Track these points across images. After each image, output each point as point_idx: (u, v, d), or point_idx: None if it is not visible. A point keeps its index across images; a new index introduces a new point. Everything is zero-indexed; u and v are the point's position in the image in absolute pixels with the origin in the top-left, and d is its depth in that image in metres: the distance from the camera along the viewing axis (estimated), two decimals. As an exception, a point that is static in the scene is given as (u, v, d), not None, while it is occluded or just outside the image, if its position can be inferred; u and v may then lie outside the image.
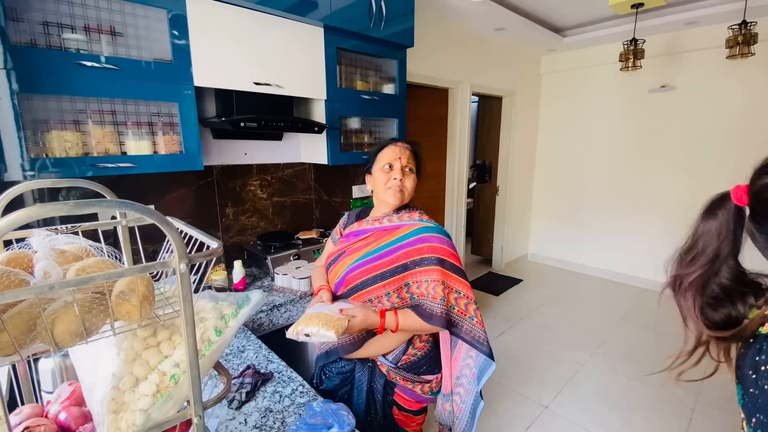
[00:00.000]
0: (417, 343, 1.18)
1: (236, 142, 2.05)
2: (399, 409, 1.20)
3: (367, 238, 1.18)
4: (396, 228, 1.15)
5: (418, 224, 1.14)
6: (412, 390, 1.19)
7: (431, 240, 1.10)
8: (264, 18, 1.71)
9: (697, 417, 2.21)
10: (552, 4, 3.20)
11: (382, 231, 1.17)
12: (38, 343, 0.47)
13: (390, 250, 1.12)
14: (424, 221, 1.16)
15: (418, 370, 1.18)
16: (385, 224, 1.17)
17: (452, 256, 1.10)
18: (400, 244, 1.12)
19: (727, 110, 3.43)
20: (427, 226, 1.14)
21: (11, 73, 1.17)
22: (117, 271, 0.47)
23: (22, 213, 0.39)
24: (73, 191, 1.50)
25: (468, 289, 1.10)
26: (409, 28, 2.32)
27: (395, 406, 1.20)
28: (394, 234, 1.15)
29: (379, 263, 1.12)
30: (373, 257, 1.13)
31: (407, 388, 1.19)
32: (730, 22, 2.93)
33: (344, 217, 1.36)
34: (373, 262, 1.12)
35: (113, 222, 0.69)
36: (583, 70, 4.25)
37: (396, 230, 1.15)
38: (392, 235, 1.14)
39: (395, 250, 1.11)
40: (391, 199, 1.16)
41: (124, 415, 0.54)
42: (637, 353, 2.86)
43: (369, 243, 1.17)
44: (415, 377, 1.18)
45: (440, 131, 3.59)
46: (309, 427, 0.88)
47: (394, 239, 1.13)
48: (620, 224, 4.20)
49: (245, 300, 0.65)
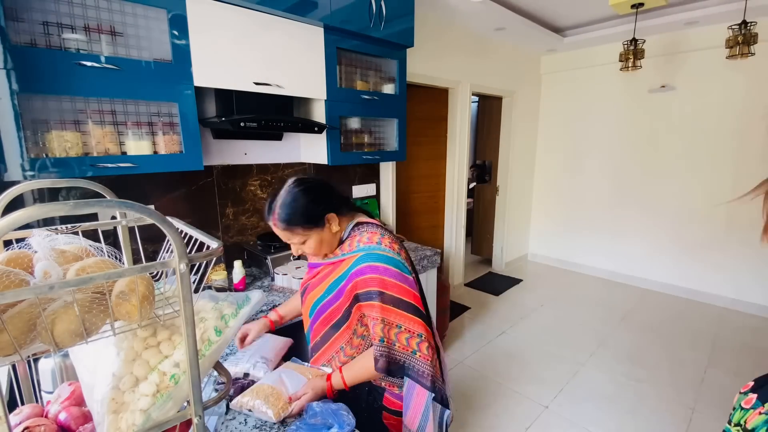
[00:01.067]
0: None
1: (236, 142, 2.05)
2: (389, 413, 1.14)
3: (320, 271, 1.14)
4: (340, 261, 1.08)
5: (356, 255, 1.04)
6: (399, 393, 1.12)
7: (366, 271, 1.00)
8: (264, 18, 1.71)
9: (697, 417, 2.21)
10: (552, 4, 3.20)
11: (328, 265, 1.11)
12: (38, 343, 0.47)
13: (338, 291, 1.07)
14: (362, 248, 1.04)
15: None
16: (331, 259, 1.11)
17: (393, 286, 0.99)
18: (344, 283, 1.05)
19: (727, 110, 3.43)
20: (363, 254, 1.03)
21: (11, 73, 1.17)
22: (117, 271, 0.47)
23: (22, 213, 0.39)
24: (73, 191, 1.50)
25: (411, 323, 1.00)
26: (409, 28, 2.32)
27: (385, 411, 1.14)
28: (339, 269, 1.08)
29: (332, 310, 1.08)
30: (327, 301, 1.10)
31: (395, 393, 1.12)
32: (730, 22, 2.94)
33: None
34: (328, 307, 1.09)
35: (113, 222, 0.69)
36: (583, 70, 4.25)
37: (340, 264, 1.08)
38: (338, 271, 1.08)
39: (341, 291, 1.06)
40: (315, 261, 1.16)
41: (124, 415, 0.54)
42: (637, 353, 2.86)
43: (322, 279, 1.12)
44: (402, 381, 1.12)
45: (440, 131, 3.59)
46: (309, 427, 0.88)
47: (339, 275, 1.07)
48: (620, 224, 4.20)
49: (245, 300, 0.65)
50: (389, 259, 1.01)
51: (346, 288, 1.04)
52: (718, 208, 3.56)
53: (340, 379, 1.06)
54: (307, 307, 1.17)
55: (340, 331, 1.09)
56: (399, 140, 2.50)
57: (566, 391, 2.45)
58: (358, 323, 1.07)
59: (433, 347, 1.05)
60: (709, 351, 2.89)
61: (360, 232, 1.09)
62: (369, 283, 1.00)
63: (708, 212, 3.64)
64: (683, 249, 3.82)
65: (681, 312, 3.55)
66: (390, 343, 1.00)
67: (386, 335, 1.00)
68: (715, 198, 3.58)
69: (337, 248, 1.11)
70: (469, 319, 3.42)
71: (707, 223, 3.65)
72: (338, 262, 1.08)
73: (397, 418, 1.13)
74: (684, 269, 3.84)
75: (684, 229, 3.80)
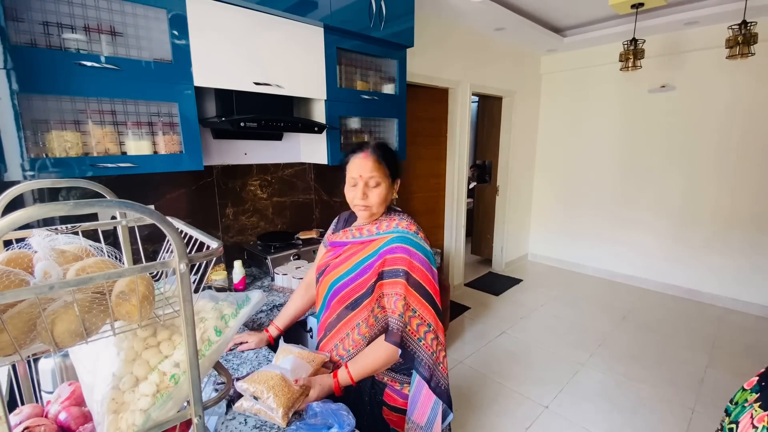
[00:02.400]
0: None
1: (236, 142, 2.05)
2: (389, 409, 1.15)
3: (346, 251, 1.16)
4: (371, 241, 1.12)
5: (390, 235, 1.09)
6: (401, 390, 1.14)
7: (397, 251, 1.05)
8: (264, 18, 1.71)
9: (697, 417, 2.21)
10: (552, 4, 3.20)
11: (357, 244, 1.14)
12: (38, 343, 0.47)
13: (363, 268, 1.09)
14: (399, 230, 1.09)
15: (408, 370, 1.13)
16: (361, 237, 1.14)
17: (419, 271, 1.05)
18: (372, 261, 1.08)
19: (726, 110, 3.43)
20: (397, 236, 1.07)
21: (11, 73, 1.17)
22: (117, 271, 0.47)
23: (22, 213, 0.39)
24: (73, 191, 1.50)
25: (425, 310, 1.05)
26: (409, 28, 2.32)
27: (384, 406, 1.15)
28: (368, 248, 1.11)
29: (353, 287, 1.09)
30: (349, 279, 1.10)
31: (396, 389, 1.14)
32: (730, 22, 2.94)
33: (335, 220, 1.34)
34: (349, 285, 1.10)
35: (113, 222, 0.69)
36: (583, 70, 4.25)
37: (370, 243, 1.12)
38: (367, 250, 1.11)
39: (368, 268, 1.08)
40: (360, 217, 1.15)
41: (124, 415, 0.54)
42: (637, 353, 2.86)
43: (347, 258, 1.14)
44: (404, 377, 1.14)
45: (440, 131, 3.58)
46: (309, 427, 0.88)
47: (368, 255, 1.10)
48: (620, 224, 4.20)
49: (245, 300, 0.65)
50: (422, 248, 1.08)
51: (374, 264, 1.07)
52: (717, 207, 3.56)
53: (346, 374, 1.06)
54: (325, 286, 1.17)
55: (358, 309, 1.08)
56: (399, 140, 2.50)
57: (566, 391, 2.45)
58: (377, 303, 1.08)
59: (439, 342, 1.08)
60: (709, 351, 2.89)
61: (399, 217, 1.14)
62: (398, 262, 1.05)
63: (708, 212, 3.64)
64: (683, 249, 3.82)
65: (681, 312, 3.55)
66: (404, 322, 1.05)
67: (404, 313, 1.04)
68: (715, 198, 3.58)
69: (373, 225, 1.14)
70: (469, 319, 3.42)
71: (707, 223, 3.65)
72: (368, 241, 1.12)
73: (397, 415, 1.14)
74: (684, 269, 3.84)
75: (684, 228, 3.80)
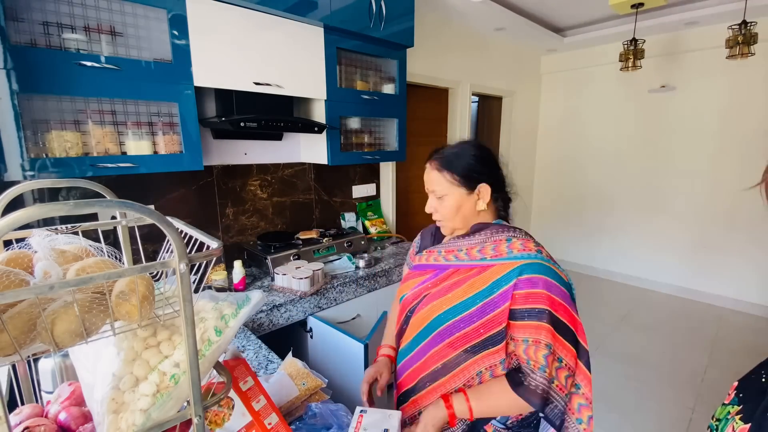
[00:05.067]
0: None
1: (236, 142, 2.05)
2: None
3: (449, 276, 0.93)
4: (484, 268, 0.88)
5: (516, 261, 0.85)
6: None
7: (537, 284, 0.82)
8: (264, 18, 1.71)
9: (697, 417, 2.21)
10: (552, 4, 3.20)
11: (470, 268, 0.90)
12: (38, 343, 0.47)
13: (491, 302, 0.85)
14: (526, 255, 0.86)
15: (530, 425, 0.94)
16: (468, 260, 0.91)
17: (560, 307, 0.83)
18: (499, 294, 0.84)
19: (727, 110, 3.43)
20: (527, 263, 0.84)
21: (11, 73, 1.17)
22: (117, 271, 0.47)
23: (22, 213, 0.39)
24: (73, 191, 1.50)
25: (570, 357, 0.83)
26: (409, 28, 2.31)
27: None
28: (486, 276, 0.87)
29: (477, 326, 0.85)
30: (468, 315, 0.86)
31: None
32: (730, 22, 2.93)
33: (418, 237, 1.14)
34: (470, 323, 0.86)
35: (113, 222, 0.69)
36: (583, 70, 4.25)
37: (489, 269, 0.88)
38: (485, 278, 0.87)
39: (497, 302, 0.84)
40: (445, 230, 1.00)
41: (124, 415, 0.54)
42: (637, 353, 2.86)
43: (457, 284, 0.90)
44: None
45: (440, 131, 3.58)
46: (309, 427, 0.88)
47: (492, 283, 0.86)
48: (620, 224, 4.20)
49: (245, 300, 0.65)
50: (557, 275, 0.85)
51: (505, 301, 0.84)
52: (717, 207, 3.56)
53: (465, 406, 0.84)
54: (424, 319, 0.93)
55: (483, 354, 0.86)
56: (399, 140, 2.50)
57: (566, 391, 2.45)
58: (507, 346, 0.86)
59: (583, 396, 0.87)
60: (709, 351, 2.89)
61: (506, 234, 0.91)
62: (538, 300, 0.82)
63: (708, 212, 3.64)
64: (683, 249, 3.82)
65: (681, 312, 3.55)
66: (550, 377, 0.81)
67: (549, 366, 0.81)
68: (714, 198, 3.58)
69: (475, 247, 0.92)
70: (469, 319, 3.41)
71: (707, 223, 3.65)
72: (485, 266, 0.88)
73: None
74: (684, 269, 3.84)
75: (684, 229, 3.79)
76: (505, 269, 0.86)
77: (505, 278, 0.85)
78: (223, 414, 0.73)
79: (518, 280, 0.83)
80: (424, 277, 0.98)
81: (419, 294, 0.97)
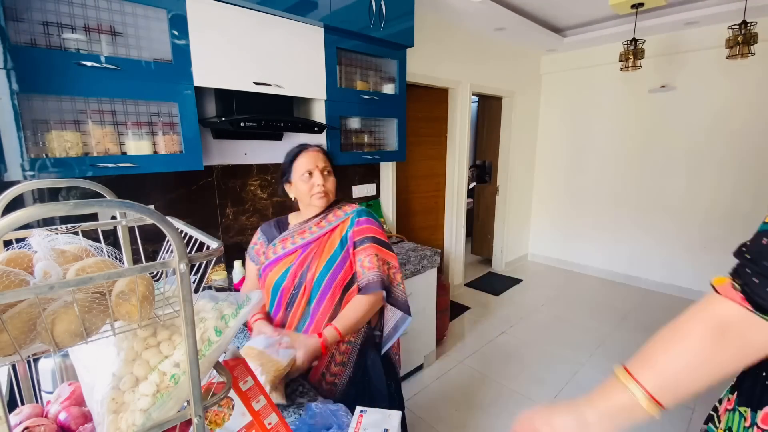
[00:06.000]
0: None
1: (236, 142, 2.06)
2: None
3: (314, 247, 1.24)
4: (335, 227, 1.26)
5: (348, 217, 1.26)
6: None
7: (362, 223, 1.25)
8: (264, 18, 1.71)
9: (697, 417, 2.21)
10: (552, 4, 3.20)
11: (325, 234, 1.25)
12: (38, 343, 0.47)
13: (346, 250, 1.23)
14: (349, 212, 1.28)
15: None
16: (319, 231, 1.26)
17: (381, 233, 1.27)
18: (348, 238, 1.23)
19: (727, 110, 3.43)
20: (356, 211, 1.27)
21: (11, 73, 1.17)
22: (117, 271, 0.47)
23: (22, 213, 0.39)
24: (73, 191, 1.50)
25: (393, 259, 1.28)
26: (409, 28, 2.32)
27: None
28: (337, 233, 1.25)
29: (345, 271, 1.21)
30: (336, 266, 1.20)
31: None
32: (730, 22, 2.93)
33: (260, 234, 1.35)
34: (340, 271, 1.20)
35: (113, 222, 0.69)
36: (583, 70, 4.25)
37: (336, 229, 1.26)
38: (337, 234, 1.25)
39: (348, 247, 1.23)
40: (318, 204, 1.25)
41: (124, 415, 0.54)
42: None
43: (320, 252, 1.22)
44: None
45: (440, 131, 3.58)
46: (309, 427, 0.88)
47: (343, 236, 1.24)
48: (620, 224, 4.20)
49: (245, 300, 0.65)
50: (373, 214, 1.31)
51: (350, 240, 1.23)
52: (717, 207, 3.56)
53: (333, 330, 1.12)
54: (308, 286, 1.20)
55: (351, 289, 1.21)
56: (399, 140, 2.50)
57: (566, 391, 2.45)
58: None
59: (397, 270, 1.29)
60: (709, 351, 2.89)
61: (338, 204, 1.32)
62: (365, 231, 1.24)
63: (708, 212, 3.64)
64: (683, 249, 3.82)
65: (681, 312, 3.54)
66: (384, 273, 1.22)
67: (380, 267, 1.22)
68: (715, 198, 3.58)
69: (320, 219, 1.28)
70: (470, 319, 3.42)
71: (707, 223, 3.65)
72: (333, 228, 1.26)
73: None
74: (684, 269, 3.84)
75: (684, 228, 3.79)
76: (347, 223, 1.25)
77: (348, 227, 1.24)
78: (223, 414, 0.73)
79: (357, 221, 1.24)
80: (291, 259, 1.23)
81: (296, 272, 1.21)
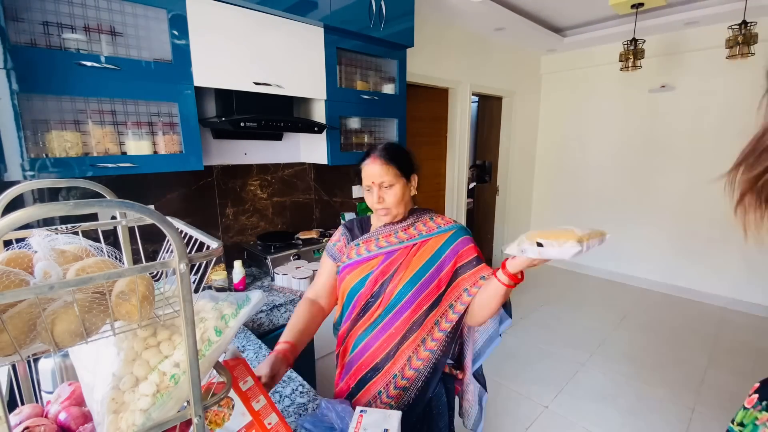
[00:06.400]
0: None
1: (236, 142, 2.05)
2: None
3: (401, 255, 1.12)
4: (425, 241, 1.13)
5: (450, 231, 1.14)
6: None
7: (467, 243, 1.12)
8: (264, 18, 1.71)
9: (697, 417, 2.21)
10: (552, 4, 3.20)
11: (408, 246, 1.13)
12: (38, 343, 0.47)
13: (439, 264, 1.10)
14: (450, 226, 1.15)
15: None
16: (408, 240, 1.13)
17: (479, 252, 1.15)
18: (446, 254, 1.11)
19: (727, 110, 3.43)
20: (457, 230, 1.14)
21: (11, 73, 1.17)
22: (117, 271, 0.46)
23: (22, 213, 0.38)
24: (73, 191, 1.50)
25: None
26: (409, 28, 2.32)
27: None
28: (432, 244, 1.12)
29: (433, 287, 1.09)
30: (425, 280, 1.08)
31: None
32: (730, 22, 2.93)
33: (343, 230, 1.24)
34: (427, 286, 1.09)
35: (113, 222, 0.69)
36: (583, 70, 4.25)
37: (426, 243, 1.12)
38: (431, 246, 1.12)
39: (443, 263, 1.10)
40: (382, 219, 1.16)
41: (124, 415, 0.54)
42: (637, 353, 2.86)
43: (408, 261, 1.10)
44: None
45: (440, 131, 3.58)
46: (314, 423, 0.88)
47: (438, 248, 1.11)
48: (620, 224, 4.20)
49: (245, 300, 0.65)
50: (469, 233, 1.17)
51: (449, 261, 1.11)
52: (717, 207, 3.56)
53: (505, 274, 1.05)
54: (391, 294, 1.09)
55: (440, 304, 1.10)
56: (399, 140, 2.50)
57: (566, 391, 2.45)
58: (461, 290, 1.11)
59: None
60: (709, 351, 2.89)
61: (428, 214, 1.19)
62: (471, 253, 1.12)
63: (708, 212, 3.64)
64: (683, 249, 3.82)
65: (681, 312, 3.55)
66: None
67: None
68: (714, 198, 3.58)
69: (408, 226, 1.15)
70: (469, 319, 3.42)
71: (707, 223, 3.65)
72: (424, 240, 1.13)
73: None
74: (684, 269, 3.84)
75: (684, 229, 3.79)
76: (442, 238, 1.13)
77: (445, 244, 1.12)
78: (223, 414, 0.73)
79: (459, 240, 1.12)
80: (373, 264, 1.12)
81: (376, 280, 1.10)
